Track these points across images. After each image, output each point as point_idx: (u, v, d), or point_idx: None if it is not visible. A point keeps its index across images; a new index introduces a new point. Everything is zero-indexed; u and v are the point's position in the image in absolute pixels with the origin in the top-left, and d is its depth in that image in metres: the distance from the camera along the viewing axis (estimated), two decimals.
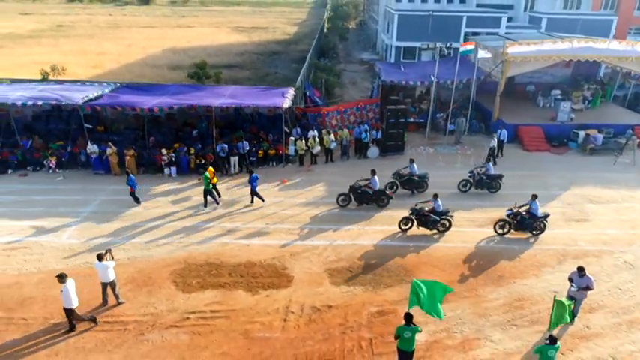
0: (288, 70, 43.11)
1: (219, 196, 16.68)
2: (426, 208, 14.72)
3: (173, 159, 19.01)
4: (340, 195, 16.56)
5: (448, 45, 22.65)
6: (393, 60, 35.95)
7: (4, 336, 10.44)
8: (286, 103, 19.83)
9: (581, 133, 22.68)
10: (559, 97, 26.59)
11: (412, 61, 33.17)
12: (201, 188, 16.40)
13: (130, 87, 22.82)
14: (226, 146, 18.98)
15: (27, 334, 10.50)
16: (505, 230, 14.72)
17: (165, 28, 75.82)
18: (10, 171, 19.25)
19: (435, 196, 14.77)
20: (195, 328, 10.73)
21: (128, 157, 19.01)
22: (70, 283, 10.31)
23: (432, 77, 25.01)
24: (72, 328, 10.54)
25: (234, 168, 19.36)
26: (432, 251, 13.99)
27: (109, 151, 18.88)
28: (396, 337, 9.09)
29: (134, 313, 11.22)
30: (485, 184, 17.55)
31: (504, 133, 21.36)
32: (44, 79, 26.37)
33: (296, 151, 20.36)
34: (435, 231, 14.80)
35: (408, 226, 14.90)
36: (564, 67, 28.58)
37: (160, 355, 9.96)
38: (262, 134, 21.45)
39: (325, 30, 62.21)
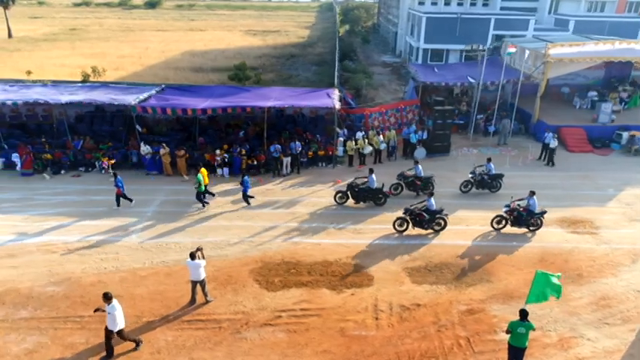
0: (309, 73, 43.23)
1: (213, 195, 16.70)
2: (420, 206, 14.76)
3: (226, 159, 19.01)
4: (338, 192, 16.76)
5: (491, 46, 22.70)
6: (420, 62, 36.01)
7: (102, 334, 10.39)
8: (337, 104, 19.87)
9: (625, 134, 22.73)
10: (595, 98, 26.67)
11: (439, 63, 33.27)
12: (258, 189, 16.41)
13: (175, 88, 22.88)
14: (280, 147, 18.98)
15: (130, 332, 10.44)
16: (502, 225, 14.93)
17: (178, 31, 76.02)
18: (63, 171, 19.23)
19: (430, 195, 14.88)
20: (290, 327, 10.71)
21: (179, 158, 19.01)
22: (117, 304, 9.59)
23: (469, 79, 25.12)
24: (110, 354, 9.75)
25: (287, 168, 19.36)
26: (506, 250, 13.99)
27: (162, 151, 18.88)
28: (508, 332, 9.07)
29: (225, 311, 11.20)
30: (486, 183, 17.56)
31: (550, 137, 20.48)
32: (85, 81, 26.39)
33: (345, 151, 20.38)
34: (430, 230, 14.79)
35: (403, 227, 14.75)
36: (598, 69, 28.68)
37: (263, 353, 9.94)
38: (308, 135, 21.47)
39: (339, 33, 62.28)
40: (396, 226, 14.82)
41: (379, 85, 37.30)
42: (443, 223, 14.88)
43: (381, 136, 20.59)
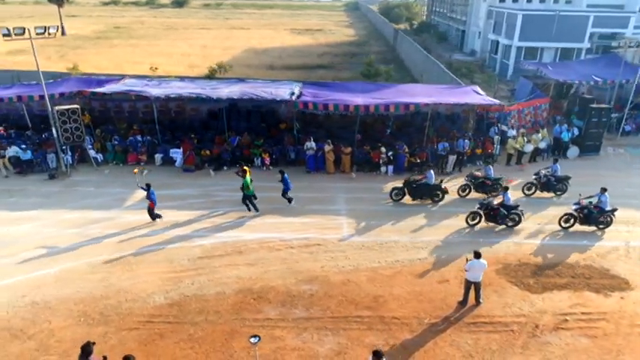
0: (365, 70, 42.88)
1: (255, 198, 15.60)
2: (495, 202, 14.38)
3: (391, 157, 18.61)
4: (394, 189, 16.36)
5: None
6: (512, 61, 35.46)
7: (398, 335, 10.05)
8: (496, 101, 19.43)
9: None
10: None
11: (544, 62, 32.69)
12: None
13: (312, 84, 22.53)
14: (447, 145, 18.56)
15: (415, 335, 10.10)
16: (570, 224, 14.42)
17: (220, 29, 75.99)
18: (225, 167, 18.92)
19: (505, 189, 14.55)
20: (585, 331, 10.27)
21: (344, 155, 18.65)
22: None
23: (594, 77, 24.58)
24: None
25: (451, 167, 18.93)
26: None
27: (326, 148, 18.52)
28: None
29: (503, 314, 10.81)
30: (551, 186, 16.79)
31: None
32: (210, 77, 26.14)
33: (500, 150, 19.90)
34: (503, 226, 14.41)
35: (475, 221, 14.55)
36: None
37: (580, 358, 9.51)
38: (455, 133, 21.01)
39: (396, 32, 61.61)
40: (469, 220, 14.60)
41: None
42: (517, 218, 14.45)
43: (540, 134, 20.08)
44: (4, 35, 15.92)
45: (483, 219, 14.51)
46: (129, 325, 10.31)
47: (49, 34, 16.65)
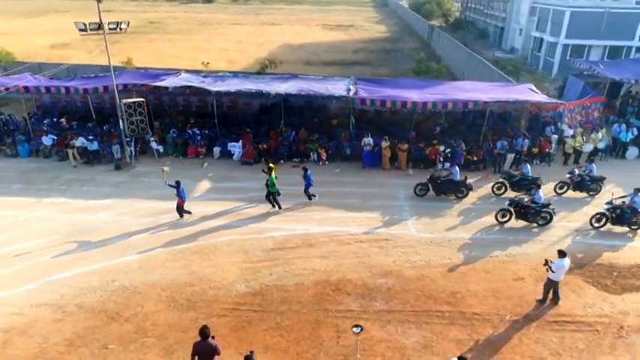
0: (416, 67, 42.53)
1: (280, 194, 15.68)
2: (526, 199, 14.25)
3: (449, 155, 18.60)
4: (418, 185, 16.36)
5: None
6: (558, 58, 34.77)
7: (481, 330, 10.15)
8: (557, 100, 19.17)
9: None
10: None
11: (594, 61, 31.95)
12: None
13: (364, 80, 22.63)
14: (506, 143, 18.44)
15: (498, 331, 10.18)
16: (601, 224, 14.21)
17: (252, 25, 76.50)
18: (282, 161, 19.24)
19: (538, 187, 14.57)
20: None
21: (401, 152, 18.74)
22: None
23: None
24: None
25: (508, 165, 18.80)
26: None
27: (384, 144, 18.65)
28: None
29: (584, 313, 10.80)
30: (585, 186, 16.38)
31: None
32: (260, 73, 26.52)
33: (557, 149, 19.65)
34: (534, 224, 14.29)
35: (505, 219, 14.48)
36: None
37: None
38: (510, 132, 20.83)
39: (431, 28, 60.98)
40: (499, 218, 14.51)
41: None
42: (549, 217, 14.32)
43: (600, 134, 19.75)
44: (80, 30, 16.84)
45: (514, 216, 14.50)
46: (217, 311, 10.70)
47: (120, 29, 17.40)
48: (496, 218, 14.59)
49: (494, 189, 16.73)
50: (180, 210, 14.61)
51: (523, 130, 21.09)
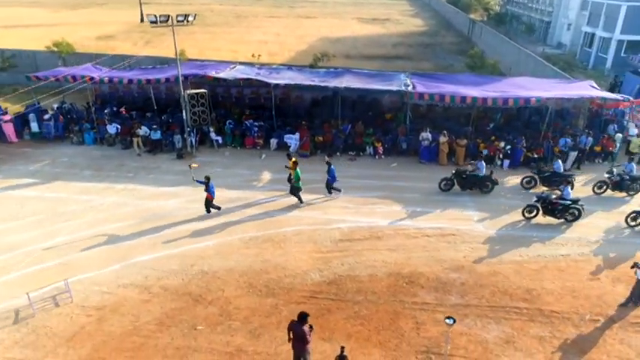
0: (457, 62, 41.77)
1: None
2: (554, 196, 14.16)
3: (509, 151, 18.37)
4: (443, 179, 16.20)
5: None
6: (612, 55, 33.64)
7: (562, 329, 10.09)
8: (621, 97, 18.65)
9: None
10: None
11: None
12: None
13: (419, 75, 22.51)
14: (570, 140, 18.07)
15: (579, 330, 10.10)
16: (638, 222, 14.01)
17: (288, 17, 76.69)
18: (338, 154, 19.40)
19: (567, 183, 14.42)
20: None
21: (459, 147, 18.61)
22: None
23: None
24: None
25: (570, 163, 18.41)
26: None
27: (442, 139, 18.55)
28: None
29: None
30: (624, 185, 15.80)
31: None
32: (312, 66, 26.73)
33: (620, 147, 19.11)
34: (562, 220, 14.13)
35: (532, 214, 14.38)
36: None
37: None
38: (569, 129, 20.38)
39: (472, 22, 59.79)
40: (525, 213, 14.41)
41: None
42: (577, 213, 14.11)
43: None
44: (151, 22, 17.11)
45: (541, 212, 14.36)
46: (295, 299, 10.99)
47: (187, 21, 17.65)
48: (523, 214, 14.55)
49: (524, 183, 16.68)
50: (209, 205, 14.58)
51: (581, 127, 20.61)
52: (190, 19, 17.73)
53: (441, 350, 9.47)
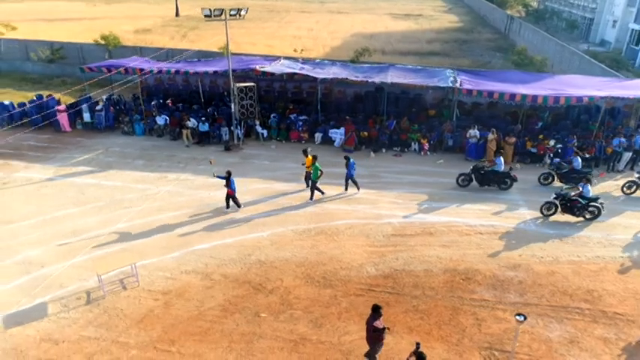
0: (495, 59, 40.96)
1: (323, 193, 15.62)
2: (573, 193, 13.89)
3: (559, 150, 18.02)
4: (460, 175, 16.19)
5: None
6: None
7: (627, 331, 9.92)
8: None
9: None
10: None
11: None
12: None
13: (464, 72, 22.26)
14: (624, 140, 17.60)
15: None
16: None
17: (320, 13, 76.66)
18: (384, 150, 19.42)
19: (587, 181, 14.07)
20: None
21: (508, 145, 18.36)
22: None
23: None
24: None
25: (624, 164, 17.94)
26: None
27: (490, 136, 18.33)
28: None
29: None
30: None
31: None
32: (353, 61, 26.78)
33: None
34: (580, 218, 13.93)
35: (550, 212, 14.20)
36: None
37: None
38: (621, 129, 19.78)
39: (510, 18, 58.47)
40: (544, 211, 14.26)
41: None
42: (597, 211, 13.90)
43: None
44: (205, 16, 17.47)
45: (559, 210, 14.15)
46: (353, 291, 11.12)
47: (240, 15, 17.94)
48: (541, 211, 14.36)
49: (541, 179, 16.55)
50: (229, 199, 14.50)
51: (633, 127, 20.01)
52: (243, 12, 17.99)
53: (504, 347, 9.45)
